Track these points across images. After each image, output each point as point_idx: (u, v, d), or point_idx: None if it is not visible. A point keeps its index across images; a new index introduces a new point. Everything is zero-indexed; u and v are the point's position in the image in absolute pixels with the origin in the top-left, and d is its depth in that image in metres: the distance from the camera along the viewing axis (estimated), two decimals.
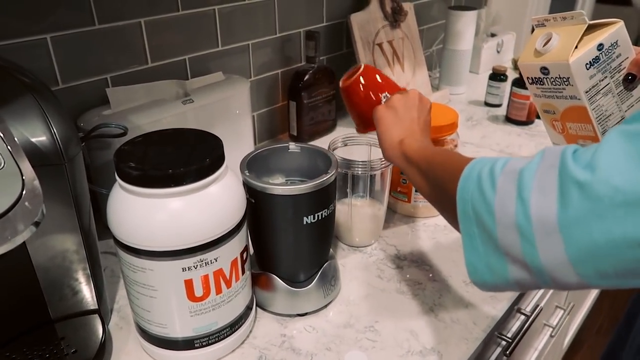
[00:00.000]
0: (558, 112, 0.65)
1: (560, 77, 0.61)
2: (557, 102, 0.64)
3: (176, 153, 0.53)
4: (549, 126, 0.68)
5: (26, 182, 0.42)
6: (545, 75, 0.62)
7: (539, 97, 0.66)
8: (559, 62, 0.60)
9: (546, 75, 0.62)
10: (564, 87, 0.61)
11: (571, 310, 1.12)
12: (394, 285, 0.72)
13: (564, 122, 0.65)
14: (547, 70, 0.62)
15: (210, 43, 0.96)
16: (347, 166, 0.74)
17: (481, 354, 0.74)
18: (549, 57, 0.61)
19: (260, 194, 0.59)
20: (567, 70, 0.59)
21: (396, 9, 1.20)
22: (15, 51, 0.71)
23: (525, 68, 0.65)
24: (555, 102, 0.64)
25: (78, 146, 0.55)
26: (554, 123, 0.67)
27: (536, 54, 0.63)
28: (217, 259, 0.53)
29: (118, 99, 0.78)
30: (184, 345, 0.57)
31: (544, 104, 0.66)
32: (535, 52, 0.63)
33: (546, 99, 0.65)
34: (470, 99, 1.41)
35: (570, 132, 0.65)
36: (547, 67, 0.61)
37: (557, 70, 0.60)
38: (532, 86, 0.66)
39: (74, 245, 0.58)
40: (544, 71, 0.62)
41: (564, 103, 0.63)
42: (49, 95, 0.53)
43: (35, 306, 0.59)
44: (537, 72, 0.63)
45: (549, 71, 0.61)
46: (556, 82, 0.61)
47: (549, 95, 0.64)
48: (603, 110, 0.61)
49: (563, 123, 0.65)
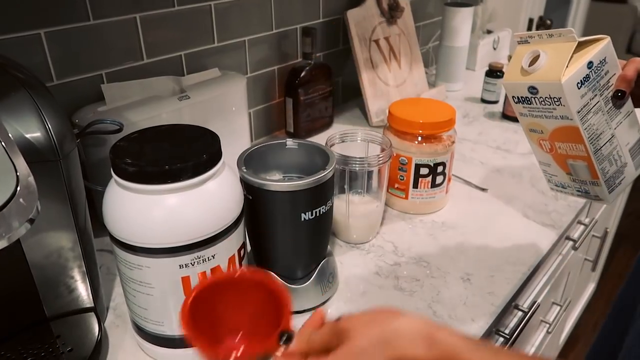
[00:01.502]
0: (546, 131, 0.62)
1: (550, 97, 0.58)
2: (545, 121, 0.61)
3: (173, 149, 0.52)
4: (536, 145, 0.65)
5: (20, 178, 0.42)
6: (534, 95, 0.60)
7: (525, 116, 0.63)
8: (550, 82, 0.57)
9: (534, 94, 0.59)
10: (555, 107, 0.59)
11: (567, 306, 1.13)
12: (392, 282, 0.72)
13: (552, 142, 0.63)
14: (535, 90, 0.59)
15: (206, 39, 0.95)
16: (345, 162, 0.74)
17: None
18: (537, 77, 0.58)
19: (257, 190, 0.59)
20: (559, 90, 0.56)
21: (393, 6, 1.20)
22: (8, 47, 0.70)
23: (511, 87, 0.62)
24: (543, 121, 0.61)
25: (73, 142, 0.54)
26: (542, 142, 0.64)
27: (523, 72, 0.60)
28: (214, 256, 0.53)
29: (113, 95, 0.78)
30: (181, 343, 0.56)
31: (531, 123, 0.63)
32: (522, 70, 0.60)
33: (533, 118, 0.62)
34: (467, 96, 1.40)
35: (559, 151, 0.63)
36: (535, 86, 0.59)
37: (547, 90, 0.58)
38: (518, 105, 0.63)
39: (70, 242, 0.57)
40: (533, 90, 0.59)
41: (554, 123, 0.60)
42: (43, 91, 0.53)
43: (31, 304, 0.59)
44: (525, 91, 0.60)
45: (537, 91, 0.59)
46: (546, 102, 0.59)
47: (537, 115, 0.61)
48: (594, 129, 0.59)
49: (552, 142, 0.63)
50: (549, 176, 0.68)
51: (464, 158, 1.06)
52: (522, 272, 0.74)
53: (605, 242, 1.47)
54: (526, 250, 0.78)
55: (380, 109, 1.19)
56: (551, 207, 0.89)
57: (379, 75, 1.19)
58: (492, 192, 0.94)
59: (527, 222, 0.86)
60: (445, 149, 0.82)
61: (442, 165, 0.83)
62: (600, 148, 0.60)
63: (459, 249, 0.79)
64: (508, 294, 0.70)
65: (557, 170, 0.66)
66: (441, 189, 0.86)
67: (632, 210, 2.31)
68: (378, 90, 1.19)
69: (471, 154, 1.08)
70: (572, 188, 0.67)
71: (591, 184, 0.64)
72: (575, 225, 1.04)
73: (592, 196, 0.66)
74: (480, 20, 1.56)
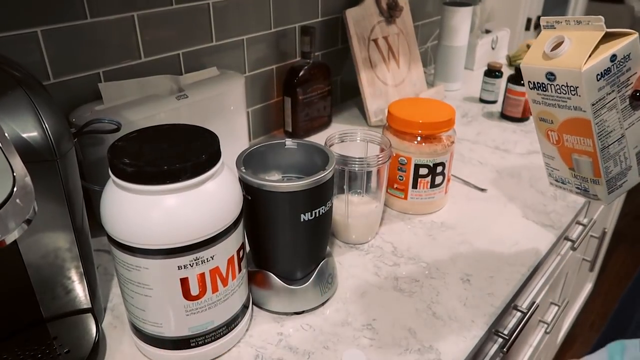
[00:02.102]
0: (557, 122, 0.61)
1: (567, 86, 0.56)
2: (558, 111, 0.60)
3: (171, 149, 0.52)
4: (543, 136, 0.64)
5: (17, 178, 0.41)
6: (551, 82, 0.58)
7: (538, 103, 0.62)
8: (570, 69, 0.55)
9: (551, 81, 0.58)
10: (570, 96, 0.57)
11: (565, 306, 1.13)
12: (391, 282, 0.71)
13: (560, 134, 0.61)
14: (553, 76, 0.57)
15: (204, 38, 0.94)
16: (344, 162, 0.73)
17: (479, 351, 0.74)
18: (558, 63, 0.57)
19: (257, 190, 0.58)
20: (578, 78, 0.55)
21: (392, 5, 1.20)
22: (4, 45, 0.69)
23: (529, 71, 0.60)
24: (555, 111, 0.60)
25: (70, 142, 0.54)
26: (550, 133, 0.63)
27: (544, 56, 0.58)
28: (213, 257, 0.52)
29: (111, 94, 0.77)
30: (179, 345, 0.56)
31: (542, 111, 0.62)
32: (543, 55, 0.58)
33: (546, 106, 0.61)
34: (466, 96, 1.40)
35: (566, 144, 0.62)
36: (554, 72, 0.57)
37: (565, 78, 0.56)
38: (533, 91, 0.61)
39: (67, 243, 0.56)
40: (550, 77, 0.58)
41: (566, 113, 0.59)
42: (40, 89, 0.52)
43: (27, 305, 0.58)
44: (542, 77, 0.59)
45: (555, 77, 0.57)
46: (561, 90, 0.57)
47: (550, 103, 0.60)
48: (605, 125, 0.58)
49: (560, 134, 0.62)
50: (550, 170, 0.67)
51: (463, 158, 1.06)
52: (521, 272, 0.74)
53: (603, 242, 1.47)
54: (525, 250, 0.78)
55: (378, 108, 1.19)
56: (550, 207, 0.89)
57: (377, 74, 1.19)
58: (491, 193, 0.94)
59: (527, 222, 0.85)
60: (444, 149, 0.82)
61: (442, 166, 0.83)
62: (608, 146, 0.59)
63: (458, 249, 0.78)
64: (508, 294, 0.70)
65: (560, 164, 0.65)
66: (440, 189, 0.85)
67: (629, 211, 2.32)
68: (377, 90, 1.19)
69: (470, 154, 1.08)
70: (571, 184, 0.66)
71: (592, 182, 0.63)
72: (574, 226, 1.04)
73: (591, 195, 0.66)
74: (479, 19, 1.56)
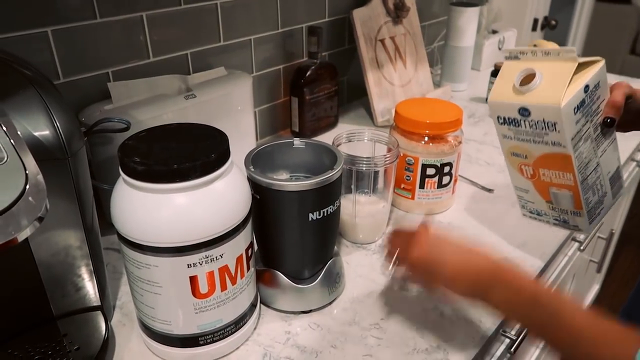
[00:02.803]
0: (532, 157, 0.57)
1: (544, 121, 0.53)
2: (533, 146, 0.56)
3: (181, 148, 0.52)
4: (515, 170, 0.61)
5: (30, 177, 0.42)
6: (525, 117, 0.54)
7: (510, 139, 0.58)
8: (547, 105, 0.52)
9: (525, 117, 0.54)
10: (547, 132, 0.54)
11: None
12: (399, 282, 0.71)
13: (536, 168, 0.58)
14: (527, 112, 0.54)
15: (212, 38, 0.95)
16: (351, 162, 0.74)
17: (486, 351, 0.74)
18: (531, 98, 0.53)
19: (265, 189, 0.59)
20: (557, 114, 0.51)
21: (399, 5, 1.20)
22: (15, 44, 0.70)
23: (499, 106, 0.57)
24: (530, 146, 0.56)
25: (81, 140, 0.54)
26: (523, 167, 0.59)
27: (515, 91, 0.54)
28: (222, 255, 0.52)
29: (119, 93, 0.78)
30: (188, 343, 0.56)
31: (515, 146, 0.58)
32: (513, 89, 0.55)
33: (519, 142, 0.57)
34: (472, 96, 1.40)
35: (542, 178, 0.58)
36: (528, 108, 0.54)
37: (541, 114, 0.53)
38: (503, 127, 0.57)
39: (77, 241, 0.57)
40: (524, 112, 0.54)
41: (543, 149, 0.55)
42: (51, 88, 0.52)
43: (38, 303, 0.58)
44: (514, 112, 0.55)
45: (530, 113, 0.54)
46: (537, 126, 0.54)
47: (524, 139, 0.56)
48: (583, 157, 0.55)
49: (535, 169, 0.58)
50: (524, 202, 0.64)
51: (470, 158, 1.06)
52: (528, 273, 0.73)
53: (611, 243, 1.47)
54: (533, 251, 0.78)
55: (385, 108, 1.19)
56: None
57: (384, 74, 1.19)
58: (498, 193, 0.93)
59: (533, 223, 0.85)
60: (452, 149, 0.82)
61: (449, 166, 0.83)
62: (587, 177, 0.56)
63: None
64: None
65: (536, 197, 0.62)
66: (447, 189, 0.85)
67: (637, 212, 2.30)
68: (383, 90, 1.19)
69: (477, 155, 1.07)
70: (549, 216, 0.63)
71: (572, 214, 0.60)
72: None
73: (571, 226, 0.62)
74: (486, 20, 1.55)
